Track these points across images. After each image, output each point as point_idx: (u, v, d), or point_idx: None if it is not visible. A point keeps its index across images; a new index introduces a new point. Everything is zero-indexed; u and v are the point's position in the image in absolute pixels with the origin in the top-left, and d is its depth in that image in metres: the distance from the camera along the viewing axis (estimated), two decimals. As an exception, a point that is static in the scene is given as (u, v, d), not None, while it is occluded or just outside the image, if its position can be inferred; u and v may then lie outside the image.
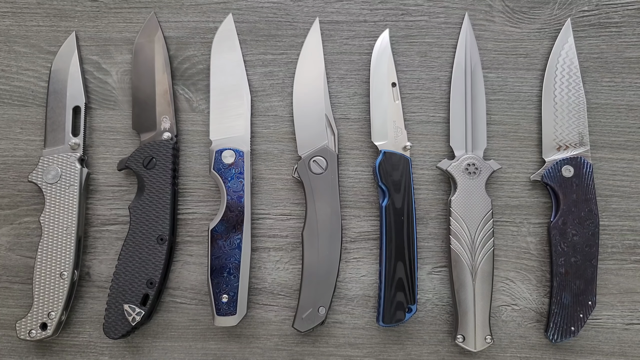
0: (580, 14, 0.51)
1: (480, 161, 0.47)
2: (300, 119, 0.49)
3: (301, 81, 0.49)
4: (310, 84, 0.49)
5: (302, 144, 0.48)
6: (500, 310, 0.48)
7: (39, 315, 0.45)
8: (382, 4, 0.51)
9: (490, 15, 0.51)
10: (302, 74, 0.49)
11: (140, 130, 0.49)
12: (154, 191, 0.46)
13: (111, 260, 0.48)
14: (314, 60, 0.49)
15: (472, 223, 0.46)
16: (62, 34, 0.50)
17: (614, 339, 0.48)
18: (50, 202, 0.46)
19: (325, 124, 0.48)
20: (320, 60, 0.50)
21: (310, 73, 0.49)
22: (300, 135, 0.48)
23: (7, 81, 0.50)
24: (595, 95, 0.50)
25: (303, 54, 0.50)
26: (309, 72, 0.49)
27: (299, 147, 0.48)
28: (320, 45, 0.50)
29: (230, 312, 0.45)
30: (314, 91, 0.49)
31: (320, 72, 0.49)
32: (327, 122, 0.48)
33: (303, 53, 0.50)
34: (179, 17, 0.51)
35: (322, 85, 0.49)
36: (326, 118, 0.48)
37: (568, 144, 0.48)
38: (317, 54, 0.50)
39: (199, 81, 0.50)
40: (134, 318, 0.44)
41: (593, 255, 0.46)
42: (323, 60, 0.50)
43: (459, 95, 0.49)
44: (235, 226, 0.45)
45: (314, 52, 0.50)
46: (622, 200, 0.49)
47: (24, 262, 0.48)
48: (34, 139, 0.50)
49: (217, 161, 0.47)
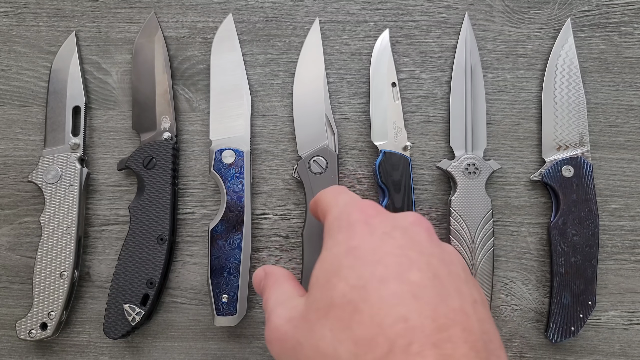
0: (580, 14, 0.51)
1: (480, 161, 0.47)
2: (300, 119, 0.49)
3: (301, 81, 0.49)
4: (310, 84, 0.49)
5: (302, 144, 0.48)
6: (500, 310, 0.48)
7: (38, 315, 0.45)
8: (382, 4, 0.51)
9: (490, 15, 0.51)
10: (302, 74, 0.49)
11: (140, 130, 0.49)
12: (154, 191, 0.46)
13: (111, 260, 0.48)
14: (314, 60, 0.49)
15: (472, 223, 0.46)
16: (62, 34, 0.50)
17: (614, 339, 0.47)
18: (50, 202, 0.46)
19: (325, 124, 0.48)
20: (320, 60, 0.49)
21: (310, 73, 0.49)
22: (300, 135, 0.48)
23: (7, 81, 0.50)
24: (595, 95, 0.50)
25: (303, 54, 0.50)
26: (309, 72, 0.49)
27: (299, 147, 0.48)
28: (320, 45, 0.50)
29: (230, 312, 0.45)
30: (314, 91, 0.49)
31: (320, 72, 0.49)
32: (327, 122, 0.48)
33: (303, 53, 0.50)
34: (179, 17, 0.51)
35: (322, 85, 0.49)
36: (326, 118, 0.48)
37: (568, 144, 0.48)
38: (317, 54, 0.50)
39: (199, 81, 0.50)
40: (133, 318, 0.44)
41: (593, 255, 0.46)
42: (323, 60, 0.50)
43: (459, 95, 0.49)
44: (235, 226, 0.45)
45: (314, 52, 0.50)
46: (622, 200, 0.49)
47: (23, 262, 0.48)
48: (33, 139, 0.50)
49: (217, 161, 0.47)
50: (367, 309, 0.24)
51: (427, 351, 0.22)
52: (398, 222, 0.30)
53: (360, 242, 0.28)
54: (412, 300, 0.24)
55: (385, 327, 0.23)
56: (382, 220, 0.30)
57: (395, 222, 0.30)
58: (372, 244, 0.27)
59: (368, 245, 0.27)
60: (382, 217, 0.30)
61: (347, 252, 0.28)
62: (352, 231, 0.29)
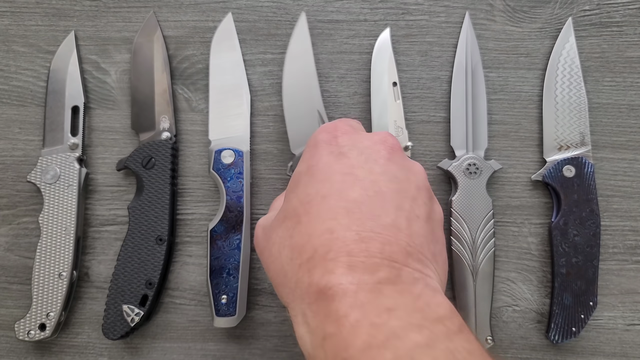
0: (582, 13, 0.50)
1: (481, 161, 0.47)
2: (291, 117, 0.47)
3: (290, 80, 0.48)
4: (299, 82, 0.48)
5: (295, 141, 0.47)
6: (501, 311, 0.48)
7: (37, 315, 0.44)
8: (383, 3, 0.50)
9: (491, 15, 0.50)
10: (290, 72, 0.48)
11: (139, 130, 0.48)
12: (153, 191, 0.46)
13: (110, 260, 0.48)
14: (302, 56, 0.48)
15: (473, 223, 0.46)
16: (61, 33, 0.50)
17: (615, 340, 0.47)
18: (49, 202, 0.46)
19: (318, 120, 0.47)
20: (309, 56, 0.48)
21: (299, 71, 0.48)
22: (292, 133, 0.47)
23: (6, 81, 0.50)
24: (596, 95, 0.50)
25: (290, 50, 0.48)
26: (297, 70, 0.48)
27: (292, 146, 0.47)
28: (309, 40, 0.48)
29: (229, 313, 0.44)
30: (304, 88, 0.48)
31: (310, 68, 0.48)
32: (319, 118, 0.47)
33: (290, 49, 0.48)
34: (178, 17, 0.51)
35: (312, 81, 0.48)
36: (318, 114, 0.47)
37: (569, 144, 0.48)
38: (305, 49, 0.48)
39: (198, 81, 0.50)
40: (132, 319, 0.44)
41: (594, 255, 0.46)
42: (312, 56, 0.48)
43: (459, 94, 0.49)
44: (234, 226, 0.45)
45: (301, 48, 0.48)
46: (623, 200, 0.49)
47: (22, 263, 0.48)
48: (32, 139, 0.49)
49: (217, 161, 0.46)
50: (305, 221, 0.28)
51: (341, 257, 0.25)
52: (361, 142, 0.31)
53: (317, 161, 0.30)
54: (344, 215, 0.27)
55: (313, 237, 0.27)
56: (346, 139, 0.32)
57: (358, 141, 0.31)
58: (327, 163, 0.30)
59: (323, 164, 0.30)
60: (348, 136, 0.32)
61: (306, 170, 0.31)
62: (314, 150, 0.32)
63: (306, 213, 0.28)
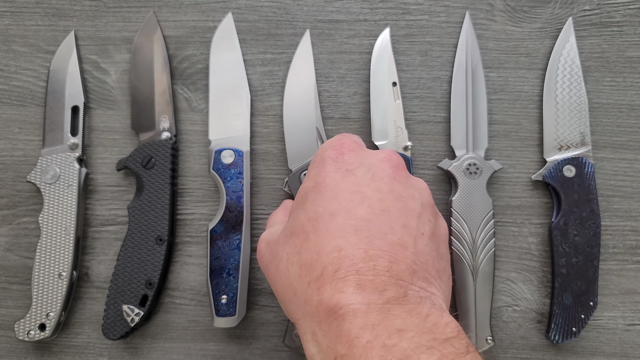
0: (582, 13, 0.50)
1: (481, 161, 0.47)
2: (290, 134, 0.48)
3: (291, 94, 0.48)
4: (299, 99, 0.48)
5: (293, 157, 0.47)
6: (501, 311, 0.48)
7: (37, 316, 0.44)
8: (383, 2, 0.50)
9: (491, 15, 0.50)
10: (291, 87, 0.49)
11: (139, 130, 0.48)
12: (153, 191, 0.46)
13: (110, 260, 0.48)
14: (304, 73, 0.49)
15: (473, 223, 0.46)
16: (61, 33, 0.50)
17: (616, 340, 0.47)
18: (49, 202, 0.46)
19: (316, 137, 0.48)
20: (310, 73, 0.49)
21: (299, 87, 0.48)
22: (291, 149, 0.48)
23: (6, 81, 0.50)
24: (596, 95, 0.50)
25: (293, 67, 0.49)
26: (298, 86, 0.48)
27: (289, 161, 0.47)
28: (311, 57, 0.49)
29: (229, 313, 0.44)
30: (304, 105, 0.48)
31: (311, 86, 0.48)
32: (317, 135, 0.48)
33: (293, 65, 0.49)
34: (178, 17, 0.50)
35: (312, 98, 0.48)
36: (317, 131, 0.48)
37: (569, 144, 0.48)
38: (307, 67, 0.49)
39: (198, 80, 0.50)
40: (132, 319, 0.44)
41: (594, 255, 0.46)
42: (314, 73, 0.49)
43: (459, 94, 0.49)
44: (234, 226, 0.45)
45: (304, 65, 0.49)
46: (623, 200, 0.49)
47: (22, 263, 0.48)
48: (32, 139, 0.49)
49: (217, 161, 0.46)
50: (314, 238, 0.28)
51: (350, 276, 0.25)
52: (367, 159, 0.32)
53: (324, 178, 0.31)
54: (352, 233, 0.27)
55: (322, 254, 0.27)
56: (352, 157, 0.32)
57: (365, 159, 0.32)
58: (334, 181, 0.30)
59: (331, 181, 0.30)
60: (354, 154, 0.32)
61: (313, 187, 0.31)
62: (321, 167, 0.32)
63: (314, 230, 0.28)
